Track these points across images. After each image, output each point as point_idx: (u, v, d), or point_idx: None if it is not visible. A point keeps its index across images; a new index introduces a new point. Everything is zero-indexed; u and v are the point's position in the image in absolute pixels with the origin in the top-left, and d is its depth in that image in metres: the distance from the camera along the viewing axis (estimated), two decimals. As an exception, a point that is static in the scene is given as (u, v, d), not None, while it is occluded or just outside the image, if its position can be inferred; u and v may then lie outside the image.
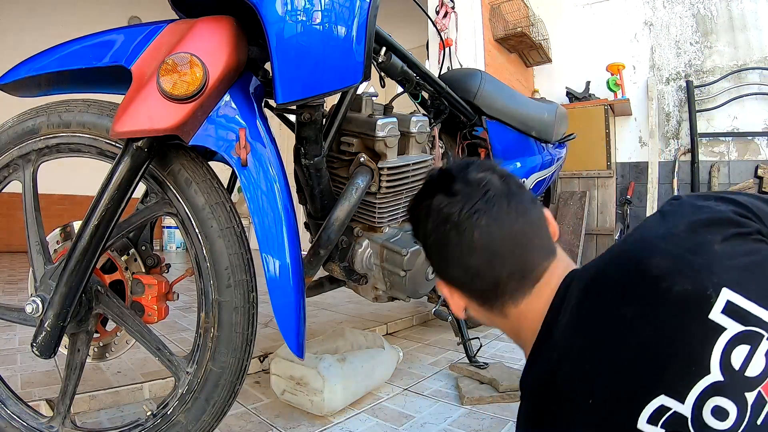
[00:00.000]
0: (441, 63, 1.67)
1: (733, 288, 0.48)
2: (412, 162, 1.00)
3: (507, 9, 3.13)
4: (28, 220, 0.83)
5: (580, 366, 0.53)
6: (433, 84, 1.13)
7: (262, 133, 0.76)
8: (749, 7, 3.13)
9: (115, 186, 0.72)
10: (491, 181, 0.59)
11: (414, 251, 0.96)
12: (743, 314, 0.47)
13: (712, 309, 0.47)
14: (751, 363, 0.45)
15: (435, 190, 0.61)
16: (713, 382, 0.46)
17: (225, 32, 0.72)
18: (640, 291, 0.51)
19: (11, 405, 0.85)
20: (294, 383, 1.16)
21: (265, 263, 0.74)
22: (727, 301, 0.47)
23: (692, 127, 3.22)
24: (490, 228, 0.57)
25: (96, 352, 0.92)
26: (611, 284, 0.54)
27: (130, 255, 0.90)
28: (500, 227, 0.57)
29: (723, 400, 0.45)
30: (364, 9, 0.76)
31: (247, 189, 0.74)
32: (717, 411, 0.45)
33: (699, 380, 0.46)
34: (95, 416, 1.10)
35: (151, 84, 0.68)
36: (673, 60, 3.38)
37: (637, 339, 0.49)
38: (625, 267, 0.54)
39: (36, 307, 0.74)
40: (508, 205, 0.58)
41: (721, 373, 0.46)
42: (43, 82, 0.84)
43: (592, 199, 3.32)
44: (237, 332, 0.75)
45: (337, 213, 0.89)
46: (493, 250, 0.57)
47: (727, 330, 0.46)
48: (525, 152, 1.46)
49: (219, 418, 0.78)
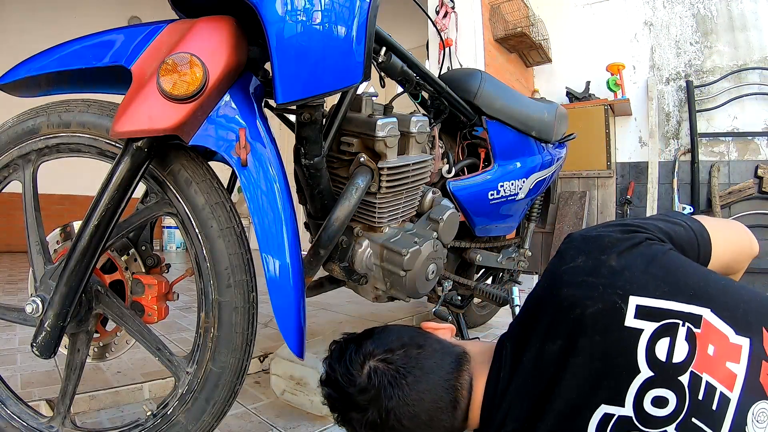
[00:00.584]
0: (441, 63, 1.67)
1: (638, 293, 0.53)
2: (412, 162, 1.00)
3: (507, 9, 3.12)
4: (28, 220, 0.83)
5: (522, 409, 0.58)
6: (433, 84, 1.13)
7: (262, 133, 0.76)
8: (749, 7, 3.13)
9: (115, 186, 0.72)
10: (378, 372, 0.62)
11: (414, 251, 0.96)
12: (654, 312, 0.52)
13: (626, 317, 0.52)
14: (675, 351, 0.51)
15: (347, 411, 0.65)
16: (645, 379, 0.50)
17: (225, 32, 0.72)
18: (559, 326, 0.56)
19: (11, 405, 0.85)
20: (294, 383, 1.16)
21: (265, 263, 0.74)
22: (636, 306, 0.53)
23: (692, 127, 3.22)
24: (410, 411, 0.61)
25: (96, 352, 0.92)
26: (533, 328, 0.59)
27: (130, 255, 0.90)
28: (417, 403, 0.61)
29: (659, 391, 0.50)
30: (364, 9, 0.76)
31: (247, 189, 0.74)
32: (656, 401, 0.50)
33: (632, 382, 0.51)
34: (95, 416, 1.10)
35: (151, 84, 0.68)
36: (673, 60, 3.37)
37: (566, 368, 0.54)
38: (541, 308, 0.60)
39: (36, 307, 0.74)
40: (406, 380, 0.61)
41: (650, 368, 0.51)
42: (43, 82, 0.83)
43: (592, 199, 3.32)
44: (237, 332, 0.75)
45: (337, 213, 0.89)
46: (426, 419, 0.62)
47: (644, 330, 0.52)
48: (525, 152, 1.45)
49: (219, 418, 0.78)
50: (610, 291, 0.54)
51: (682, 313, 0.52)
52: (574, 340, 0.54)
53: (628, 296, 0.53)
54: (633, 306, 0.53)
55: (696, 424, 0.49)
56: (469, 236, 1.40)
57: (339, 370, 0.65)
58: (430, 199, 1.14)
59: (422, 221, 1.12)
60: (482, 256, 1.43)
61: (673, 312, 0.52)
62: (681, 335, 0.51)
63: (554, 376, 0.55)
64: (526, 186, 1.46)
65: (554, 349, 0.56)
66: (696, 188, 3.20)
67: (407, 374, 0.62)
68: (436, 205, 1.15)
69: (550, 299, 0.59)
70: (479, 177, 1.32)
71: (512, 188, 1.40)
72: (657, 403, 0.50)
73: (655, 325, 0.52)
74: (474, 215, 1.32)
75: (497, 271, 1.68)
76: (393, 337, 0.67)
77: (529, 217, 1.73)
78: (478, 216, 1.33)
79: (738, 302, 0.55)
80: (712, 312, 0.52)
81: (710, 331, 0.51)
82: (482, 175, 1.33)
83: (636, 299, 0.53)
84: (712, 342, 0.51)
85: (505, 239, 1.61)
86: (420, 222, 1.12)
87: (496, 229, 1.46)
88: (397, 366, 0.63)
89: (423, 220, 1.12)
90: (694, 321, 0.52)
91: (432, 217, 1.11)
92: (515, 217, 1.53)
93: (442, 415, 0.62)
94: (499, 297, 1.38)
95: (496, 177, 1.35)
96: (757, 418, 0.49)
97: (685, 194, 3.25)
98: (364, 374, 0.63)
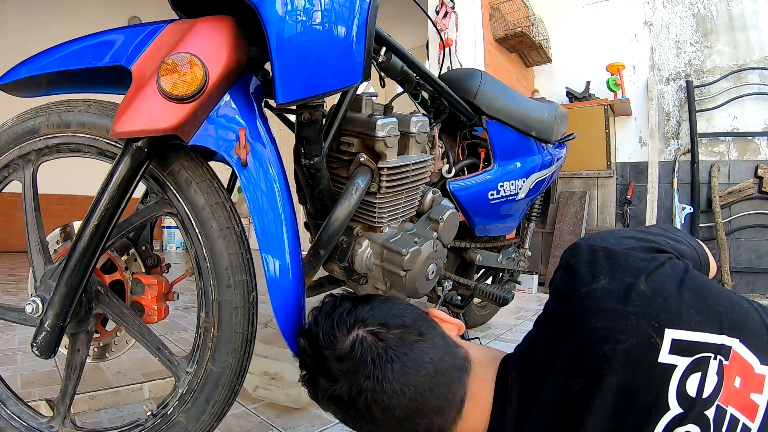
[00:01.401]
0: (441, 63, 1.67)
1: (674, 325, 0.48)
2: (412, 162, 1.00)
3: (507, 9, 3.12)
4: (28, 220, 0.83)
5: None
6: (433, 84, 1.13)
7: (262, 133, 0.76)
8: (749, 7, 3.13)
9: (115, 186, 0.72)
10: (365, 344, 0.55)
11: (414, 251, 0.96)
12: (688, 347, 0.48)
13: (660, 353, 0.47)
14: (705, 386, 0.47)
15: (315, 375, 0.58)
16: (674, 417, 0.47)
17: (225, 32, 0.72)
18: (583, 361, 0.50)
19: (11, 405, 0.85)
20: (269, 379, 1.17)
21: (265, 263, 0.74)
22: (672, 340, 0.48)
23: (692, 127, 3.22)
24: (387, 401, 0.53)
25: (96, 352, 0.92)
26: (551, 362, 0.52)
27: (130, 255, 0.90)
28: (395, 395, 0.53)
29: (686, 427, 0.47)
30: (364, 9, 0.76)
31: (247, 189, 0.74)
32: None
33: (660, 419, 0.47)
34: (95, 416, 1.10)
35: (151, 84, 0.68)
36: (673, 60, 3.38)
37: (590, 411, 0.49)
38: (561, 339, 0.52)
39: (36, 307, 0.74)
40: (392, 366, 0.53)
41: (680, 405, 0.47)
42: (43, 82, 0.83)
43: (592, 199, 3.32)
44: (237, 332, 0.75)
45: (337, 213, 0.89)
46: (400, 416, 0.54)
47: (677, 367, 0.47)
48: (525, 152, 1.45)
49: (219, 418, 0.78)
50: (644, 323, 0.48)
51: (714, 345, 0.48)
52: (601, 378, 0.48)
53: (663, 329, 0.48)
54: (669, 340, 0.48)
55: None
56: (469, 236, 1.40)
57: (323, 326, 0.58)
58: (430, 199, 1.14)
59: (422, 221, 1.12)
60: (482, 256, 1.43)
61: (706, 345, 0.48)
62: (712, 369, 0.48)
63: (577, 420, 0.49)
64: (526, 186, 1.46)
65: (577, 389, 0.50)
66: (696, 188, 3.20)
67: (395, 359, 0.54)
68: (436, 205, 1.15)
69: (573, 330, 0.51)
70: (479, 177, 1.32)
71: (512, 188, 1.40)
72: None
73: (689, 361, 0.47)
74: (474, 215, 1.32)
75: (497, 271, 1.68)
76: (393, 312, 0.59)
77: (529, 217, 1.73)
78: (478, 216, 1.33)
79: (762, 327, 0.51)
80: (741, 342, 0.49)
81: (738, 363, 0.49)
82: (482, 175, 1.33)
83: (672, 332, 0.48)
84: (739, 374, 0.48)
85: (505, 239, 1.61)
86: (420, 222, 1.12)
87: (496, 229, 1.46)
88: (388, 345, 0.55)
89: (423, 220, 1.12)
90: (725, 353, 0.48)
91: (432, 217, 1.11)
92: (515, 217, 1.53)
93: (419, 419, 0.55)
94: (499, 297, 1.38)
95: (496, 177, 1.35)
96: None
97: (685, 194, 3.25)
98: (348, 341, 0.55)
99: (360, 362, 0.54)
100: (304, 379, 0.61)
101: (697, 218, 3.15)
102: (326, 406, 0.60)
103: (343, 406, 0.56)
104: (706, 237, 3.16)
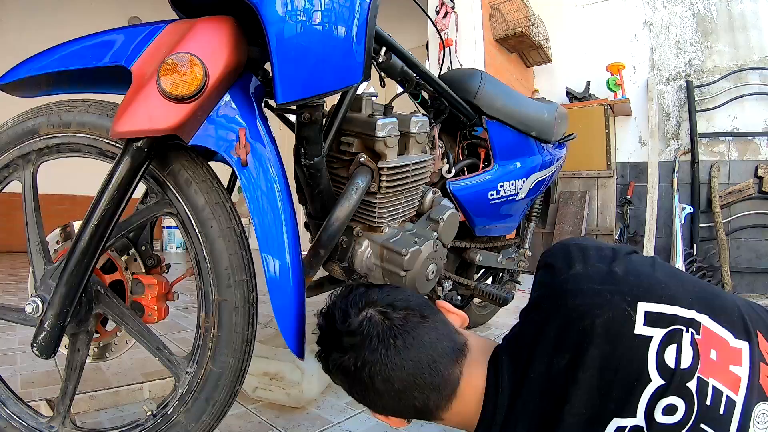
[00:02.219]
0: (441, 63, 1.67)
1: (646, 299, 0.53)
2: (412, 162, 1.00)
3: (507, 9, 3.12)
4: (28, 220, 0.83)
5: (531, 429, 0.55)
6: (433, 84, 1.13)
7: (262, 133, 0.76)
8: (749, 7, 3.13)
9: (115, 186, 0.72)
10: (372, 321, 0.62)
11: (414, 251, 0.96)
12: (661, 318, 0.52)
13: (635, 325, 0.51)
14: (682, 357, 0.50)
15: (329, 348, 0.65)
16: (656, 388, 0.49)
17: (225, 32, 0.72)
18: (567, 338, 0.54)
19: (11, 405, 0.85)
20: (269, 379, 1.17)
21: (265, 263, 0.74)
22: (645, 312, 0.52)
23: (692, 127, 3.22)
24: (386, 373, 0.59)
25: (96, 352, 0.92)
26: (537, 342, 0.57)
27: (130, 255, 0.90)
28: (396, 368, 0.59)
29: (669, 399, 0.49)
30: (364, 9, 0.76)
31: (247, 189, 0.74)
32: (667, 409, 0.49)
33: (643, 391, 0.50)
34: (95, 416, 1.10)
35: (151, 84, 0.68)
36: (673, 60, 3.38)
37: (575, 383, 0.52)
38: (545, 322, 0.57)
39: (36, 307, 0.74)
40: (395, 342, 0.60)
41: (661, 377, 0.50)
42: (43, 82, 0.83)
43: (592, 199, 3.32)
44: (237, 332, 0.75)
45: (337, 213, 0.89)
46: (399, 388, 0.60)
47: (653, 338, 0.51)
48: (525, 152, 1.45)
49: (219, 418, 0.78)
50: (618, 298, 0.53)
51: (684, 319, 0.52)
52: (583, 351, 0.52)
53: (636, 303, 0.52)
54: (642, 312, 0.52)
55: (705, 430, 0.48)
56: (469, 236, 1.40)
57: (339, 306, 0.65)
58: (430, 199, 1.14)
59: (422, 221, 1.12)
60: (482, 256, 1.43)
61: (677, 318, 0.52)
62: (686, 341, 0.50)
63: (564, 393, 0.53)
64: (526, 186, 1.46)
65: (563, 364, 0.53)
66: (696, 188, 3.20)
67: (398, 336, 0.60)
68: (436, 205, 1.15)
69: (556, 312, 0.56)
70: (479, 177, 1.32)
71: (512, 188, 1.40)
72: (667, 411, 0.49)
73: (663, 332, 0.51)
74: (474, 215, 1.32)
75: (497, 271, 1.68)
76: (401, 297, 0.66)
77: (529, 217, 1.73)
78: (478, 216, 1.33)
79: (732, 307, 0.55)
80: (710, 318, 0.52)
81: (710, 337, 0.51)
82: (482, 175, 1.33)
83: (644, 305, 0.52)
84: (714, 347, 0.51)
85: (505, 239, 1.61)
86: (420, 222, 1.12)
87: (496, 229, 1.46)
88: (393, 324, 0.61)
89: (423, 220, 1.12)
90: (695, 327, 0.51)
91: (432, 217, 1.11)
92: (515, 217, 1.53)
93: (416, 393, 0.60)
94: (499, 297, 1.38)
95: (496, 177, 1.35)
96: (758, 420, 0.49)
97: (685, 194, 3.25)
98: (359, 318, 0.62)
99: (366, 337, 0.60)
100: (319, 355, 0.68)
101: (697, 218, 3.15)
102: (335, 377, 0.66)
103: (349, 376, 0.62)
104: (706, 237, 3.16)
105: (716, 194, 3.07)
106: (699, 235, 3.16)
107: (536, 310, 0.60)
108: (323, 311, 0.68)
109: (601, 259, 0.58)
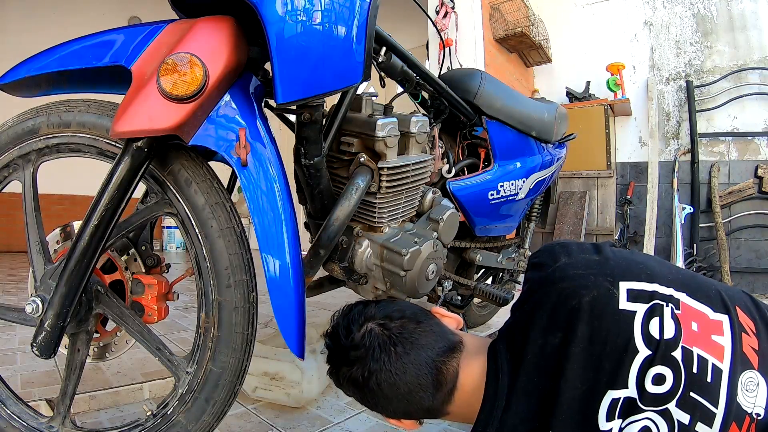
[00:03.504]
0: (441, 63, 1.67)
1: (626, 279, 0.57)
2: (412, 162, 1.00)
3: (507, 9, 3.12)
4: (28, 220, 0.83)
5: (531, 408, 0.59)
6: (433, 84, 1.13)
7: (262, 133, 0.76)
8: (749, 7, 3.13)
9: (115, 186, 0.72)
10: (373, 333, 0.67)
11: (414, 251, 0.96)
12: (642, 294, 0.56)
13: (619, 301, 0.56)
14: (665, 328, 0.53)
15: (338, 364, 0.70)
16: (644, 358, 0.53)
17: (225, 32, 0.72)
18: (558, 319, 0.58)
19: (11, 405, 0.85)
20: (268, 379, 1.17)
21: (265, 263, 0.74)
22: (627, 289, 0.57)
23: (692, 127, 3.22)
24: (391, 379, 0.64)
25: (96, 352, 0.92)
26: (530, 326, 0.61)
27: (130, 255, 0.90)
28: (399, 372, 0.64)
29: (657, 368, 0.52)
30: (364, 9, 0.76)
31: (247, 189, 0.74)
32: (656, 379, 0.52)
33: (632, 362, 0.53)
34: (95, 416, 1.10)
35: (151, 84, 0.68)
36: (673, 60, 3.38)
37: (568, 358, 0.56)
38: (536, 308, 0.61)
39: (36, 307, 0.74)
40: (395, 349, 0.65)
41: (647, 347, 0.53)
42: (43, 82, 0.83)
43: (592, 199, 3.32)
44: (237, 332, 0.75)
45: (337, 213, 0.89)
46: (405, 391, 0.65)
47: (637, 312, 0.55)
48: (525, 152, 1.45)
49: (219, 418, 0.78)
50: (601, 279, 0.57)
51: (664, 295, 0.56)
52: (574, 328, 0.56)
53: (618, 282, 0.57)
54: (624, 290, 0.56)
55: (695, 398, 0.51)
56: (469, 236, 1.40)
57: (341, 323, 0.71)
58: (430, 199, 1.14)
59: (422, 221, 1.12)
60: (482, 256, 1.43)
61: (657, 294, 0.56)
62: (667, 314, 0.54)
63: (559, 368, 0.56)
64: (526, 186, 1.46)
65: (556, 342, 0.57)
66: (696, 188, 3.20)
67: (398, 343, 0.65)
68: (436, 205, 1.15)
69: (546, 298, 0.60)
70: (479, 177, 1.32)
71: (512, 188, 1.40)
72: (656, 381, 0.52)
73: (646, 307, 0.55)
74: (474, 215, 1.32)
75: (497, 271, 1.68)
76: (396, 308, 0.71)
77: (529, 217, 1.73)
78: (478, 216, 1.33)
79: (709, 286, 0.59)
80: (688, 296, 0.57)
81: (689, 311, 0.55)
82: (482, 175, 1.33)
83: (625, 284, 0.57)
84: (694, 320, 0.55)
85: (505, 239, 1.61)
86: (420, 222, 1.12)
87: (496, 229, 1.46)
88: (391, 333, 0.66)
89: (423, 220, 1.12)
90: (674, 302, 0.55)
91: (432, 217, 1.11)
92: (515, 217, 1.53)
93: (422, 393, 0.65)
94: (499, 297, 1.38)
95: (496, 177, 1.35)
96: (746, 387, 0.51)
97: (685, 194, 3.25)
98: (360, 332, 0.67)
99: (369, 348, 0.65)
100: (330, 373, 0.73)
101: (697, 218, 3.15)
102: (347, 389, 0.70)
103: (359, 387, 0.67)
104: (706, 237, 3.16)
105: (716, 194, 3.07)
106: (699, 235, 3.16)
107: (527, 301, 0.64)
108: (328, 332, 0.73)
109: (584, 251, 0.64)
